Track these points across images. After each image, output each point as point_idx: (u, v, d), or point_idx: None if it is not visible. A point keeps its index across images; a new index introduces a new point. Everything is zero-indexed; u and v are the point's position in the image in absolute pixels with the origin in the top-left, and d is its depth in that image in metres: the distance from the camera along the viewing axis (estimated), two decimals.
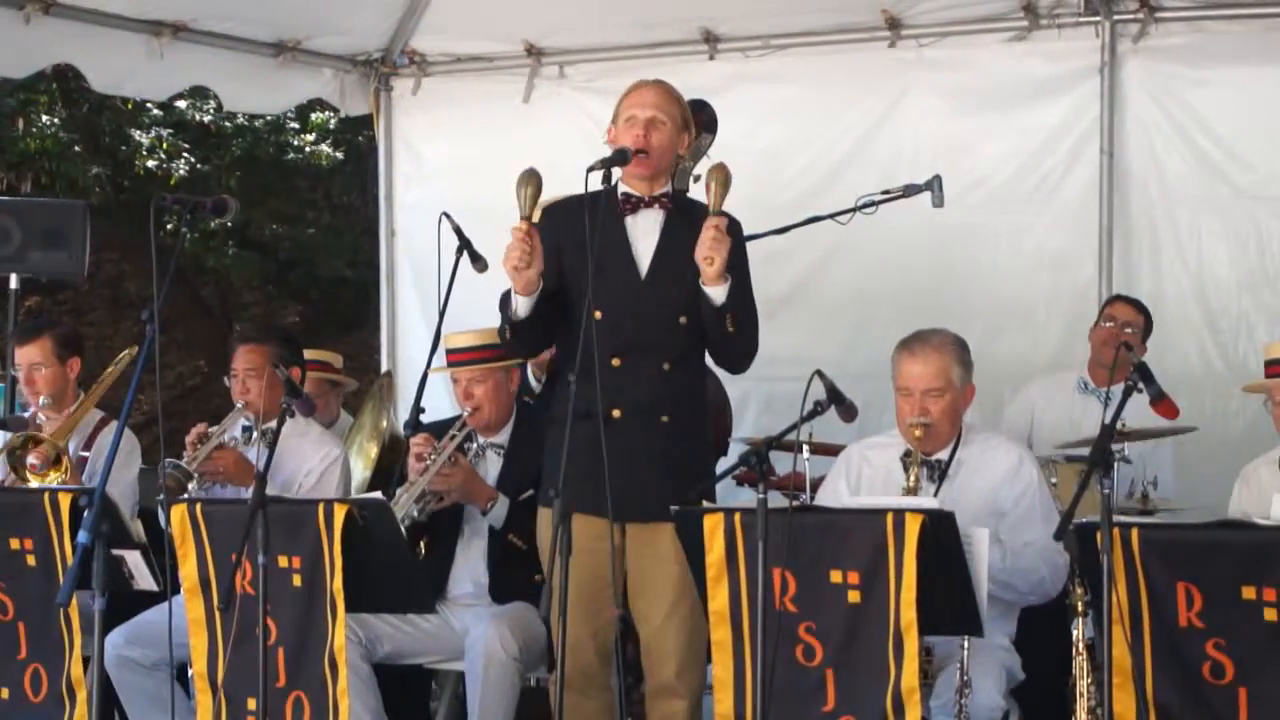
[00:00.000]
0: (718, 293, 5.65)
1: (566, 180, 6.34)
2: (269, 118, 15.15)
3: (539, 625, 6.12)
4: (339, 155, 15.72)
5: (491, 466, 6.62)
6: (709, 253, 5.60)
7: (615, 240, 5.82)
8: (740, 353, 5.91)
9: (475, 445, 6.59)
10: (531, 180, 5.70)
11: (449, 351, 6.73)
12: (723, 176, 5.66)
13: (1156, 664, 5.00)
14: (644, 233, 5.88)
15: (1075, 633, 5.29)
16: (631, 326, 5.75)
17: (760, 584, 5.15)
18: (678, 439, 5.81)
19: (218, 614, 5.97)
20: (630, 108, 5.85)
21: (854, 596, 5.21)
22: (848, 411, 5.91)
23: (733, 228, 5.77)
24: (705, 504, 5.54)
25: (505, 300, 5.82)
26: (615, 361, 5.71)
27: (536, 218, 5.72)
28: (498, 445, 6.64)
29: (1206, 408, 7.46)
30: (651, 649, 5.88)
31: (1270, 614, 4.88)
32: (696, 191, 7.23)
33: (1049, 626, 5.73)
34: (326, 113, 14.93)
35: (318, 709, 5.90)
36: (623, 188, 5.90)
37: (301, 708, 5.93)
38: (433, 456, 6.40)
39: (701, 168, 7.39)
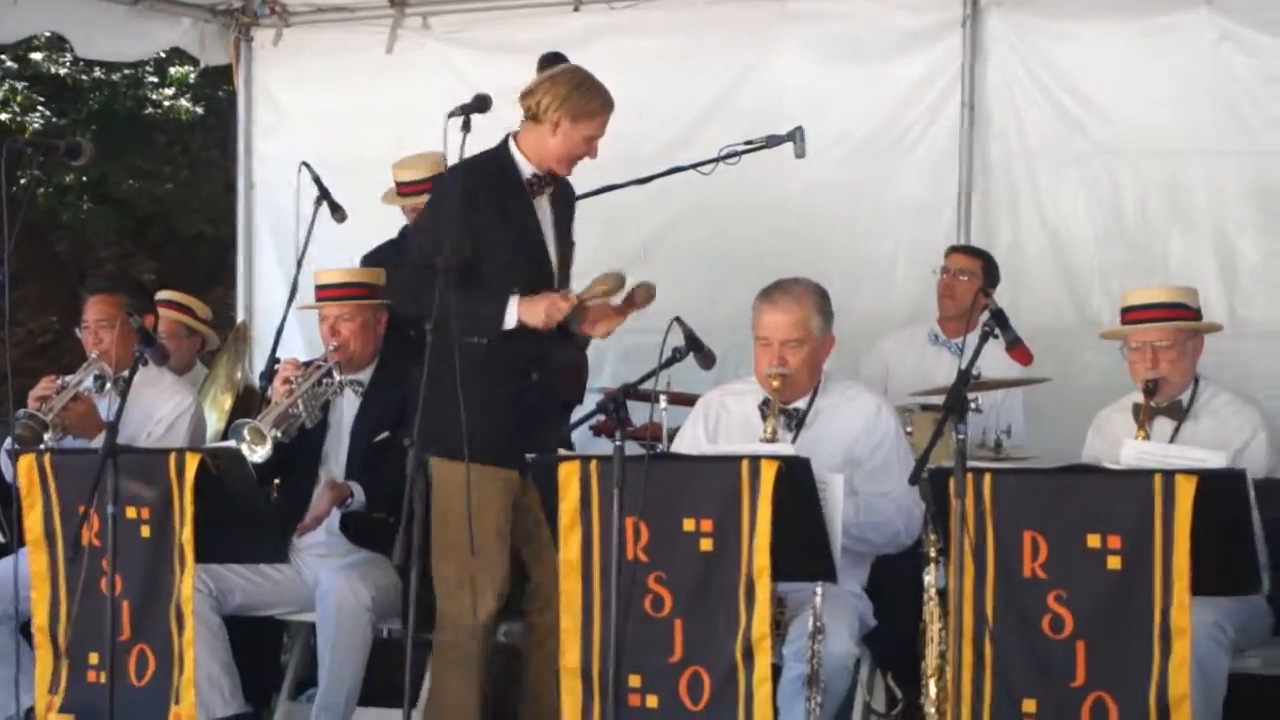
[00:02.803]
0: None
1: (428, 133, 6.29)
2: (127, 71, 14.91)
3: (391, 576, 6.07)
4: (199, 110, 15.49)
5: (349, 405, 6.57)
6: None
7: (533, 222, 6.04)
8: None
9: (335, 381, 6.52)
10: (608, 281, 5.98)
11: (319, 288, 6.69)
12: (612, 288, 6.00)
13: (998, 615, 5.04)
14: (546, 211, 6.09)
15: (927, 579, 5.30)
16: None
17: (615, 533, 5.14)
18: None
19: (61, 567, 5.89)
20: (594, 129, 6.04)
21: (706, 544, 5.21)
22: (706, 359, 5.93)
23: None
24: (562, 452, 5.53)
25: (481, 309, 5.89)
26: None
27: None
28: (357, 383, 6.57)
29: (1061, 359, 7.48)
30: (542, 589, 6.00)
31: (1113, 562, 4.94)
32: None
33: (901, 573, 5.74)
34: (186, 66, 14.71)
35: (162, 661, 5.86)
36: (530, 168, 6.03)
37: (146, 661, 5.87)
38: (299, 380, 6.39)
39: None
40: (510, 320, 5.85)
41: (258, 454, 6.09)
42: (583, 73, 6.08)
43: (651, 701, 5.27)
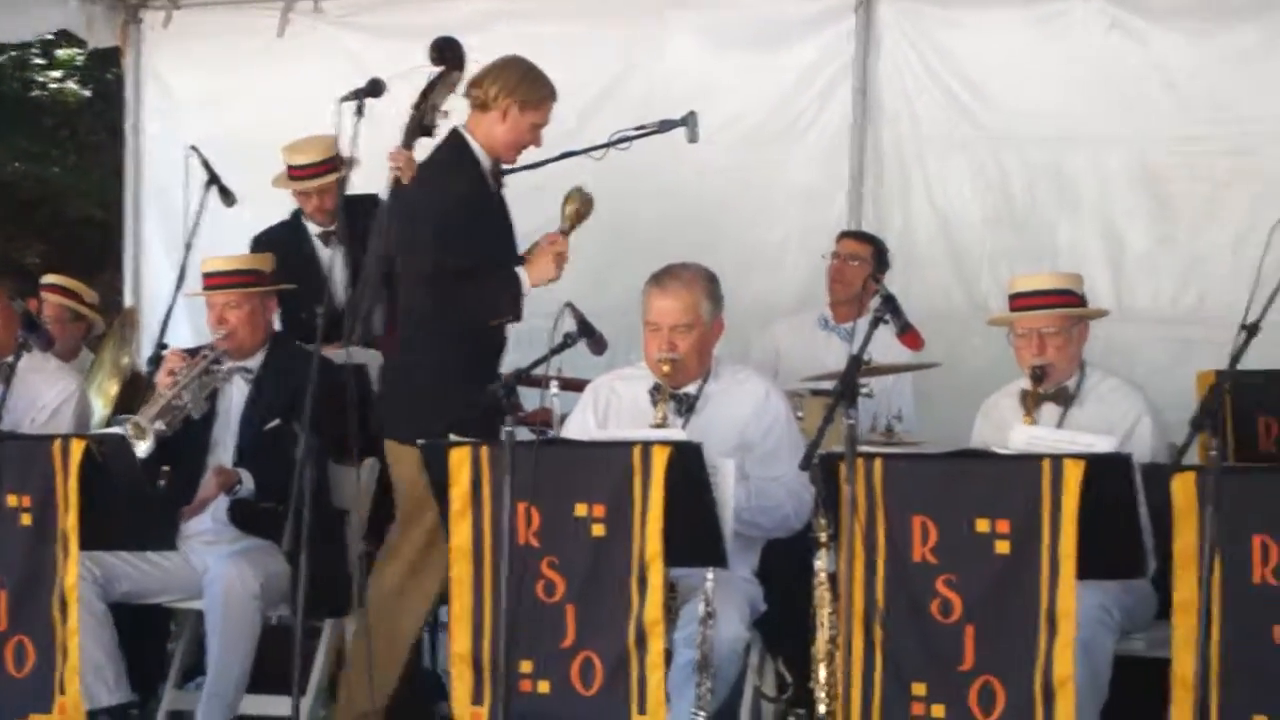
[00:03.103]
0: None
1: (320, 117, 6.26)
2: (12, 53, 14.72)
3: (280, 563, 6.02)
4: (87, 93, 15.33)
5: (238, 392, 6.51)
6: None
7: (500, 208, 6.37)
8: None
9: (223, 368, 6.46)
10: (576, 198, 6.24)
11: (205, 275, 6.62)
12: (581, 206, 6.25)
13: (889, 599, 5.07)
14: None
15: (817, 564, 5.30)
16: None
17: (506, 519, 5.13)
18: None
19: None
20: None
21: (598, 530, 5.22)
22: (598, 344, 5.95)
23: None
24: (452, 437, 5.51)
25: (500, 291, 6.12)
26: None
27: None
28: (245, 370, 6.51)
29: (950, 344, 7.51)
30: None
31: (1002, 546, 4.97)
32: (442, 126, 7.27)
33: (790, 558, 5.76)
34: (74, 48, 14.54)
35: (43, 652, 5.79)
36: (486, 158, 6.29)
37: (24, 652, 5.81)
38: (184, 371, 6.34)
39: (450, 104, 7.37)
40: (527, 289, 6.09)
41: (140, 448, 6.03)
42: (528, 62, 6.29)
43: (543, 687, 5.27)
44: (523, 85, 6.21)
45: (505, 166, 6.99)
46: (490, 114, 6.22)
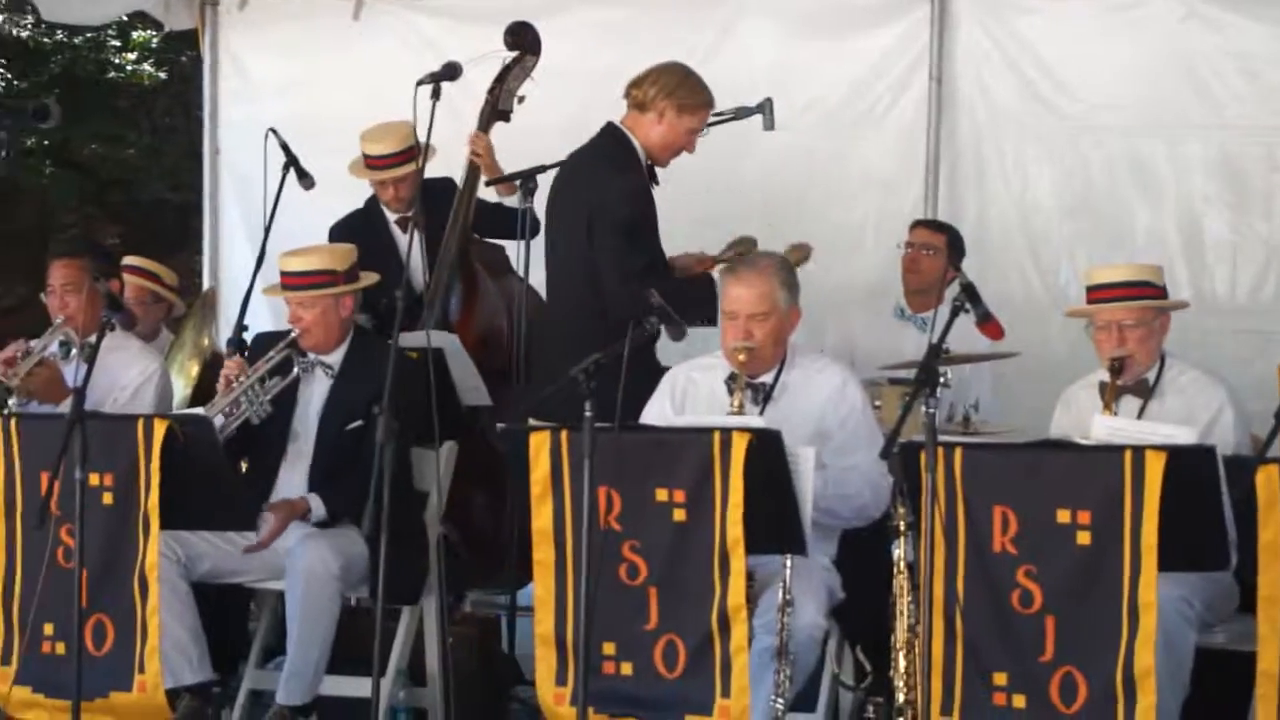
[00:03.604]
0: None
1: (396, 100, 6.29)
2: (89, 35, 14.81)
3: (360, 545, 6.06)
4: (162, 75, 15.43)
5: (319, 385, 6.53)
6: None
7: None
8: None
9: (306, 359, 6.50)
10: (744, 244, 6.59)
11: (282, 274, 6.61)
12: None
13: (968, 589, 5.07)
14: None
15: (896, 553, 5.29)
16: None
17: (585, 502, 5.15)
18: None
19: (19, 535, 5.86)
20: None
21: (679, 515, 5.24)
22: (677, 330, 5.94)
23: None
24: (532, 422, 5.54)
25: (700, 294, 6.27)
26: None
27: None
28: (327, 365, 6.53)
29: (1028, 333, 7.47)
30: None
31: (1083, 537, 4.96)
32: (518, 111, 7.32)
33: (869, 546, 5.75)
34: (149, 31, 14.63)
35: (122, 630, 5.85)
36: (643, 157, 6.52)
37: (104, 631, 5.87)
38: (241, 379, 6.39)
39: (526, 89, 7.42)
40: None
41: None
42: (687, 68, 6.55)
43: (626, 669, 5.31)
44: (681, 89, 6.42)
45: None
46: (648, 115, 6.44)
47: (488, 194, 7.48)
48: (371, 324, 7.01)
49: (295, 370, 6.46)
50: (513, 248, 7.22)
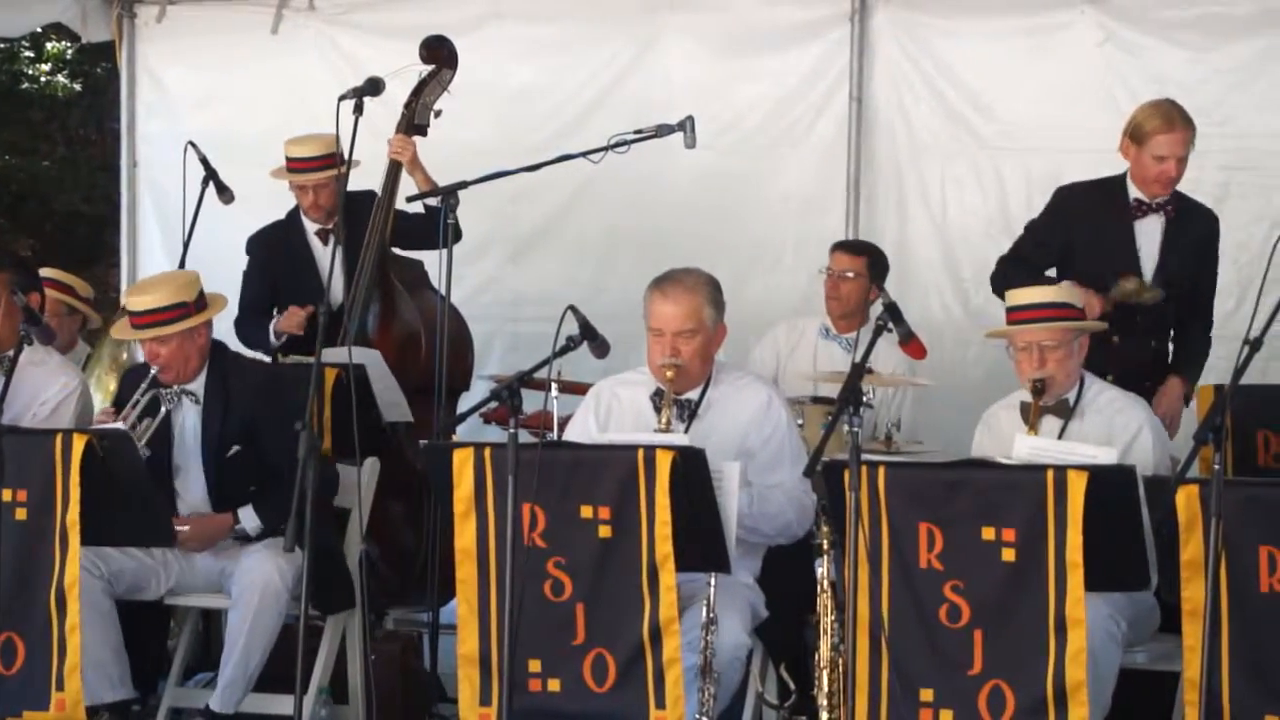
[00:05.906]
0: None
1: (314, 114, 6.27)
2: (1, 46, 14.68)
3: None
4: (76, 87, 15.30)
5: (189, 413, 6.44)
6: None
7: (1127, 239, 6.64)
8: None
9: (171, 390, 6.39)
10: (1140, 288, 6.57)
11: (131, 314, 6.44)
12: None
13: (894, 606, 5.08)
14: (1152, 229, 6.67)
15: (820, 571, 5.31)
16: None
17: (510, 519, 5.13)
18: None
19: None
20: None
21: (605, 531, 5.24)
22: (600, 348, 5.97)
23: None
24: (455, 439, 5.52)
25: None
26: None
27: None
28: (191, 393, 6.43)
29: (947, 354, 7.57)
30: None
31: (1008, 554, 4.98)
32: (435, 125, 7.28)
33: (792, 564, 5.77)
34: (64, 42, 14.51)
35: (34, 648, 5.76)
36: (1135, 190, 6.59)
37: (13, 650, 5.77)
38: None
39: (443, 103, 7.41)
40: None
41: None
42: (1157, 102, 6.58)
43: (554, 685, 5.28)
44: (1133, 122, 6.53)
45: (506, 169, 7.01)
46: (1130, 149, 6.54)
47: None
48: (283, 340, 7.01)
49: (163, 409, 6.38)
50: (431, 261, 7.16)
